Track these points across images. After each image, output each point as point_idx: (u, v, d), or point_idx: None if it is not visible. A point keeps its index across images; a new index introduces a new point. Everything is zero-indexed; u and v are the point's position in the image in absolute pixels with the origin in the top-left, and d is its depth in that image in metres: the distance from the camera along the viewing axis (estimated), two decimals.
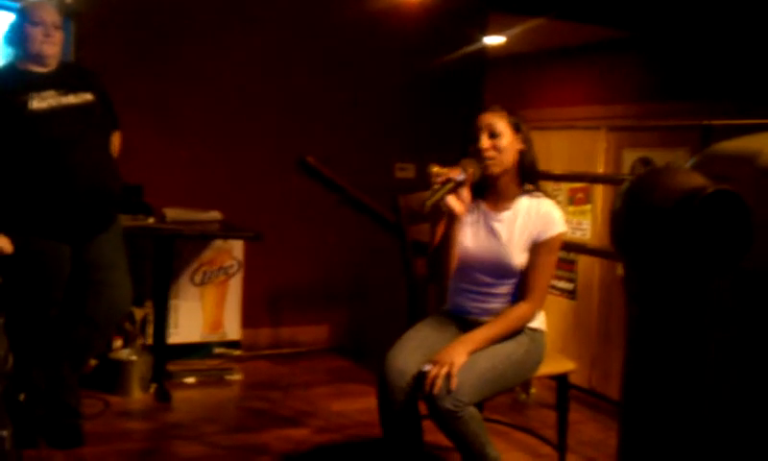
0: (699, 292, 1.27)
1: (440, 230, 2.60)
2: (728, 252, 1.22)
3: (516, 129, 2.60)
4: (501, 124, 2.58)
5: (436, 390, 2.33)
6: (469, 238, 2.63)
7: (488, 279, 2.64)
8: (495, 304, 2.63)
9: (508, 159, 2.59)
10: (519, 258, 2.57)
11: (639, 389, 1.35)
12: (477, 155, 2.56)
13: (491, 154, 2.56)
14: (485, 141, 2.56)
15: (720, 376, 1.30)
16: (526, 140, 2.62)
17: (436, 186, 2.45)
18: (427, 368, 2.40)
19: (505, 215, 2.61)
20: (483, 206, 2.66)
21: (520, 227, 2.58)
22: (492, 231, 2.61)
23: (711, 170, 1.30)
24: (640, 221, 1.29)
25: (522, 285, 2.59)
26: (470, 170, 2.50)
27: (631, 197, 1.32)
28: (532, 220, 2.58)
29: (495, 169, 2.58)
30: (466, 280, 2.69)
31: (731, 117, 4.18)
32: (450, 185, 2.46)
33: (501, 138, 2.57)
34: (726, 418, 1.30)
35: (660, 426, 1.32)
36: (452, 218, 2.53)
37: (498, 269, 2.60)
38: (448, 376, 2.35)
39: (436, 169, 2.51)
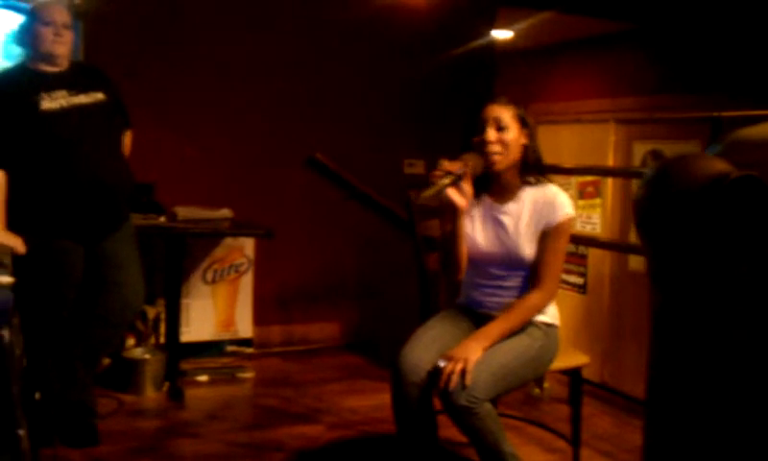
0: (724, 278, 1.26)
1: (446, 224, 2.60)
2: (754, 237, 1.20)
3: (523, 123, 2.58)
4: (508, 117, 2.56)
5: (451, 386, 2.32)
6: (478, 233, 2.62)
7: (499, 272, 2.63)
8: (509, 297, 2.61)
9: (513, 155, 2.57)
10: (529, 249, 2.56)
11: (665, 379, 1.34)
12: (480, 147, 2.54)
13: (496, 148, 2.54)
14: (491, 133, 2.54)
15: (748, 364, 1.29)
16: (531, 136, 2.60)
17: (435, 179, 2.44)
18: (442, 364, 2.39)
19: (510, 207, 2.60)
20: (488, 199, 2.65)
21: (527, 217, 2.57)
22: (500, 224, 2.60)
23: (734, 157, 1.28)
24: (665, 207, 1.27)
25: (533, 274, 2.57)
26: (471, 163, 2.49)
27: (655, 183, 1.30)
28: (539, 208, 2.56)
29: (500, 166, 2.56)
30: (478, 275, 2.68)
31: (740, 109, 4.15)
32: (450, 179, 2.45)
33: (508, 132, 2.55)
34: (754, 407, 1.29)
35: (686, 417, 1.31)
36: (455, 212, 2.53)
37: (509, 261, 2.59)
38: (463, 372, 2.34)
39: (446, 163, 2.49)
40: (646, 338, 1.47)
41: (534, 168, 2.60)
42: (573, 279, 6.11)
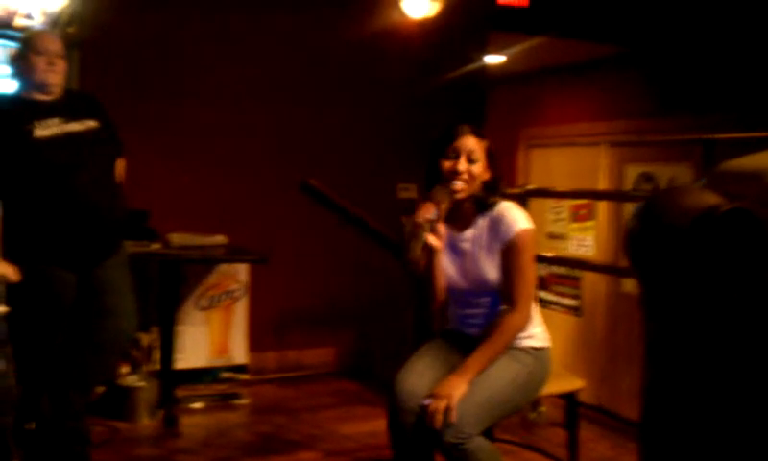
0: (716, 309, 1.27)
1: (421, 263, 2.61)
2: (744, 269, 1.22)
3: (490, 160, 2.62)
4: (480, 152, 2.60)
5: (436, 425, 2.31)
6: (447, 264, 2.64)
7: (476, 300, 2.64)
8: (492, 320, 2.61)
9: (475, 187, 2.60)
10: (492, 272, 2.56)
11: (658, 409, 1.34)
12: (449, 175, 2.56)
13: (465, 178, 2.56)
14: (463, 164, 2.56)
15: (741, 393, 1.29)
16: (495, 171, 2.63)
17: (417, 232, 2.46)
18: (427, 403, 2.38)
19: (469, 234, 2.62)
20: (448, 229, 2.65)
21: (485, 239, 2.58)
22: (462, 253, 2.62)
23: (722, 188, 1.30)
24: (657, 240, 1.29)
25: (504, 295, 2.56)
26: (443, 206, 2.52)
27: (647, 216, 1.33)
28: (492, 228, 2.58)
29: (462, 196, 2.59)
30: (459, 304, 2.70)
31: (732, 131, 4.19)
32: (429, 226, 2.48)
33: (477, 165, 2.58)
34: (747, 435, 1.29)
35: (680, 446, 1.31)
36: (431, 252, 2.54)
37: (479, 287, 2.60)
38: (448, 409, 2.32)
39: (423, 211, 2.51)
40: (642, 360, 1.47)
41: (486, 200, 2.62)
42: (568, 301, 6.11)
